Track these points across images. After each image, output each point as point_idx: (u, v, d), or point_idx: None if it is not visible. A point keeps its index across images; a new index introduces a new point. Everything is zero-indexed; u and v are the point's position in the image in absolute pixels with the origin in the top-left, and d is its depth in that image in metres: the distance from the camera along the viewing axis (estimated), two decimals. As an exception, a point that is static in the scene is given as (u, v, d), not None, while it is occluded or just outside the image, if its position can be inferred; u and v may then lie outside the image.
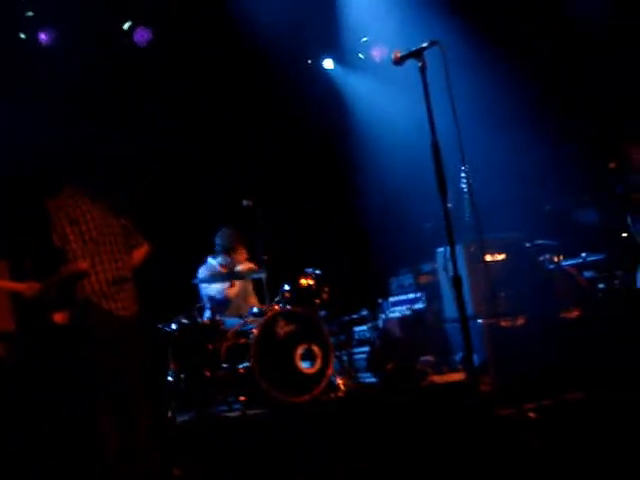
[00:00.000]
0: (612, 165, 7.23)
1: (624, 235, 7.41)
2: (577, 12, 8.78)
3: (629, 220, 7.45)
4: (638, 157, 7.19)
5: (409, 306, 8.31)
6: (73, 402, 5.29)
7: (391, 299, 8.73)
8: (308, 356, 7.03)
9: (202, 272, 7.90)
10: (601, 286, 7.64)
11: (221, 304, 7.78)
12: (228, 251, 7.94)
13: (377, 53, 9.41)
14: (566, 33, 9.01)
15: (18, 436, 5.54)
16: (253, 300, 8.12)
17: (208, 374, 6.95)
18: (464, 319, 3.95)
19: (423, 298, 8.28)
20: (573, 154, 8.76)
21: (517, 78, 8.99)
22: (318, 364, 7.01)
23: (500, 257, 7.80)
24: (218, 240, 7.96)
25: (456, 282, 3.85)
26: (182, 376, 6.95)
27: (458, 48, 7.91)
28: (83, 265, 4.66)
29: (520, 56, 9.05)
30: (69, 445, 5.45)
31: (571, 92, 9.13)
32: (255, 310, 7.48)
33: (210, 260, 7.99)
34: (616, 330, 7.27)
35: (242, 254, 7.99)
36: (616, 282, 7.61)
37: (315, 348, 7.04)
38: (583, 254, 7.70)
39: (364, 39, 9.58)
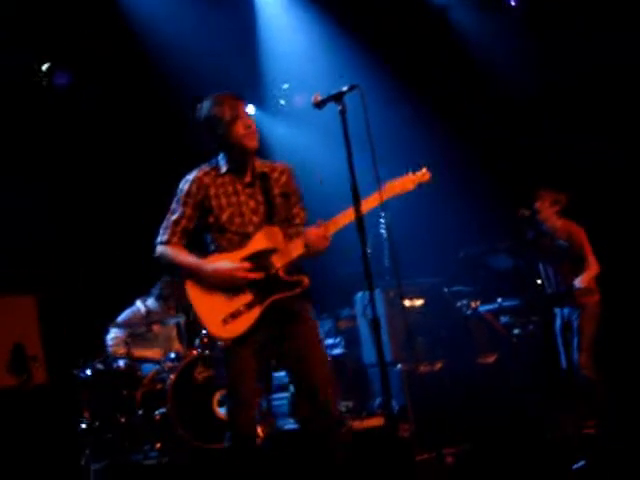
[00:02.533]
0: (524, 212, 7.39)
1: (538, 281, 7.57)
2: (493, 64, 9.06)
3: (540, 266, 7.63)
4: (544, 205, 7.39)
5: (328, 351, 8.28)
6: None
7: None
8: (226, 402, 6.92)
9: (124, 314, 7.80)
10: (516, 331, 7.77)
11: (138, 348, 7.64)
12: (161, 298, 7.92)
13: (299, 99, 9.48)
14: (483, 82, 9.25)
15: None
16: (176, 346, 8.01)
17: (123, 421, 6.81)
18: (382, 363, 3.94)
19: (342, 343, 8.26)
20: (489, 201, 8.94)
21: (436, 125, 9.17)
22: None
23: (418, 302, 7.86)
24: (158, 285, 7.94)
25: (375, 324, 3.85)
26: (96, 423, 6.79)
27: (380, 92, 8.08)
28: None
29: (439, 104, 9.25)
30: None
31: (488, 140, 9.35)
32: (172, 355, 7.36)
33: (138, 302, 7.90)
34: (531, 375, 7.41)
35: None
36: (531, 327, 7.75)
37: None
38: (499, 299, 7.81)
39: (285, 85, 9.66)
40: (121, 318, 7.77)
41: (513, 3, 9.23)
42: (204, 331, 7.36)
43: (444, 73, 9.27)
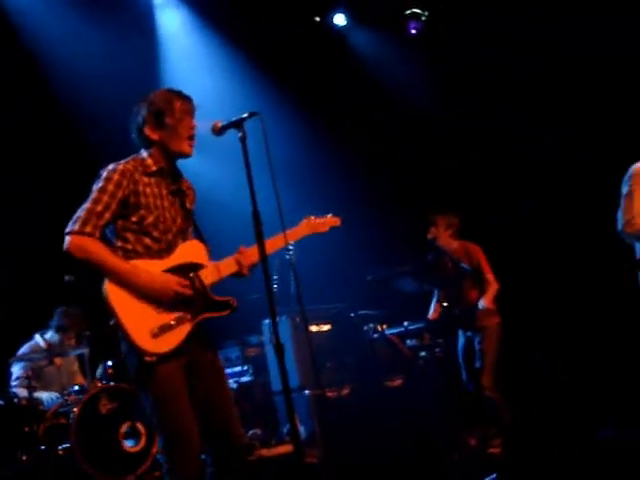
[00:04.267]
0: (429, 235, 7.52)
1: (444, 304, 7.68)
2: (395, 86, 9.23)
3: (442, 289, 7.76)
4: (439, 230, 7.53)
5: (236, 379, 8.23)
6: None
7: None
8: (132, 434, 6.81)
9: (23, 349, 7.59)
10: (423, 354, 7.86)
11: (40, 383, 7.45)
12: (60, 330, 7.72)
13: (202, 126, 9.42)
14: (384, 106, 9.41)
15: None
16: (79, 379, 7.83)
17: (24, 458, 6.60)
18: (286, 389, 3.92)
19: (250, 371, 8.22)
20: (393, 225, 9.06)
21: (339, 150, 9.27)
22: (142, 442, 6.81)
23: (325, 327, 7.89)
24: (55, 317, 7.73)
25: (278, 350, 3.83)
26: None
27: (282, 118, 8.12)
28: None
29: (341, 129, 9.36)
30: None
31: (390, 163, 9.50)
32: (76, 388, 7.20)
33: (37, 337, 7.69)
34: (438, 396, 7.50)
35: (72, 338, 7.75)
36: (437, 350, 7.85)
37: (139, 426, 6.84)
38: (405, 323, 7.89)
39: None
40: (21, 352, 7.56)
41: (413, 31, 9.44)
42: (109, 362, 7.25)
43: (344, 97, 9.38)
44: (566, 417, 7.27)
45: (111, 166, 4.03)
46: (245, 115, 4.05)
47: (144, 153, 4.13)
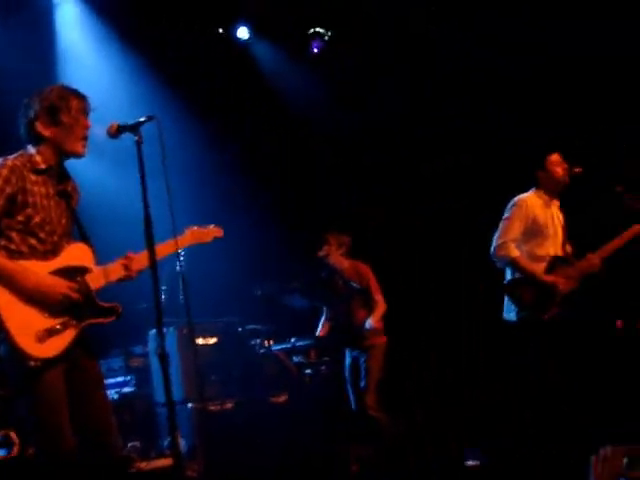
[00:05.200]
0: (320, 252, 7.56)
1: (333, 322, 7.72)
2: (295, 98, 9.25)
3: (324, 309, 7.81)
4: (331, 248, 7.58)
5: (118, 390, 8.02)
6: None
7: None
8: (4, 444, 6.55)
9: None
10: (308, 371, 7.87)
11: None
12: None
13: (99, 130, 9.23)
14: (284, 117, 9.42)
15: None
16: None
17: None
18: (170, 400, 3.85)
19: (133, 381, 8.04)
20: (284, 239, 9.06)
21: (237, 161, 9.23)
22: (15, 452, 6.56)
23: (212, 340, 7.80)
24: None
25: (162, 361, 3.76)
26: None
27: (180, 125, 8.02)
28: None
29: (239, 141, 9.32)
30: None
31: (283, 175, 9.50)
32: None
33: None
34: (322, 414, 7.51)
35: None
36: (323, 368, 7.87)
37: (12, 435, 6.59)
38: (292, 339, 7.89)
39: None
40: None
41: (316, 50, 9.50)
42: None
43: (245, 108, 9.35)
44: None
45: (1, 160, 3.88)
46: (142, 119, 3.98)
47: (32, 149, 3.99)
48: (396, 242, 9.08)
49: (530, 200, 6.13)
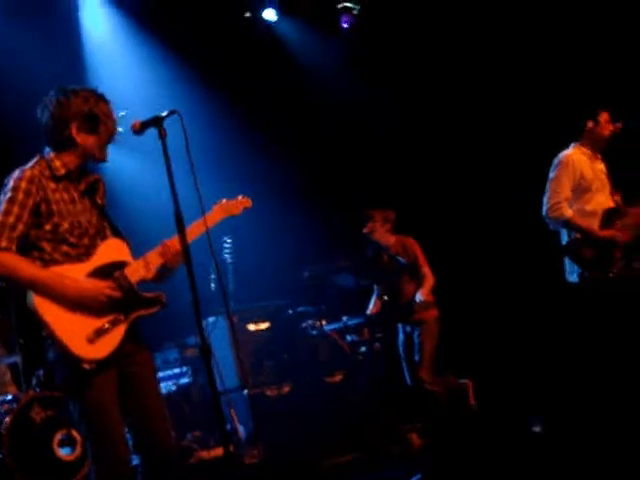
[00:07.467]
0: (365, 230, 7.50)
1: (384, 298, 7.66)
2: (324, 81, 9.18)
3: (382, 283, 7.74)
4: (376, 225, 7.51)
5: (175, 381, 8.10)
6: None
7: (156, 376, 8.47)
8: (67, 442, 6.65)
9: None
10: (362, 349, 7.83)
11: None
12: None
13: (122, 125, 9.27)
14: (314, 101, 9.35)
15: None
16: (12, 389, 7.62)
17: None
18: (214, 390, 3.84)
19: (189, 372, 8.10)
20: (328, 219, 9.02)
21: (273, 146, 9.19)
22: (78, 450, 6.66)
23: (264, 326, 7.82)
24: None
25: (204, 352, 3.74)
26: None
27: (210, 114, 8.00)
28: None
29: (272, 126, 9.27)
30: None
31: (322, 158, 9.44)
32: (9, 397, 7.01)
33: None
34: (378, 391, 7.49)
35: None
36: (376, 344, 7.83)
37: (75, 433, 6.69)
38: (344, 318, 7.86)
39: (122, 113, 9.44)
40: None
41: (345, 25, 9.39)
42: (40, 371, 7.06)
43: (273, 93, 9.30)
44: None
45: (17, 173, 3.83)
46: (164, 113, 3.95)
47: (50, 153, 3.94)
48: (441, 212, 8.98)
49: (575, 155, 6.09)
